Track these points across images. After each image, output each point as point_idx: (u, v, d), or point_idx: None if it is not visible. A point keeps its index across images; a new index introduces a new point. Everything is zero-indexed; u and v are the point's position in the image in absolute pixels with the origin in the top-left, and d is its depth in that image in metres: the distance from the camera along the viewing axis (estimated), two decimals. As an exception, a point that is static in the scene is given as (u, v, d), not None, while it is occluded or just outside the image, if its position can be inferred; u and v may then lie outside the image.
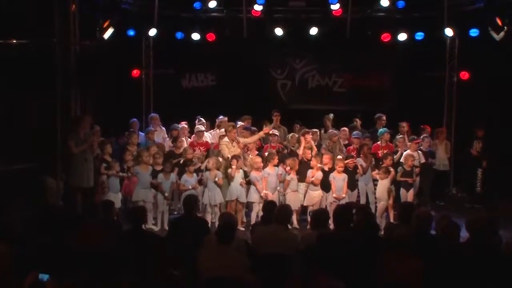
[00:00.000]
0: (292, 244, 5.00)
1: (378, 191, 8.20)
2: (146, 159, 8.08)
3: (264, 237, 5.09)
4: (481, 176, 9.51)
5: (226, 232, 4.68)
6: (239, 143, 8.46)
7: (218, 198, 8.12)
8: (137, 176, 8.06)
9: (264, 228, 5.46)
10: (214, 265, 4.46)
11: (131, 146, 8.73)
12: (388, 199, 8.04)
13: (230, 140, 8.47)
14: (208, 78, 11.97)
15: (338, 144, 9.13)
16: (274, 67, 11.93)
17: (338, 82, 11.88)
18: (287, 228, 5.38)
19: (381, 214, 8.01)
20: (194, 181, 8.16)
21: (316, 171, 8.24)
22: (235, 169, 8.03)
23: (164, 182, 8.13)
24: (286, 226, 5.35)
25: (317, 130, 9.53)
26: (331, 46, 11.12)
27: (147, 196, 7.91)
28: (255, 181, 8.14)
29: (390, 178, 8.12)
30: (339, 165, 8.12)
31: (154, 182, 8.06)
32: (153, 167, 8.19)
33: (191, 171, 8.22)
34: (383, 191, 8.10)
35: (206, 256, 4.62)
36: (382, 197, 8.09)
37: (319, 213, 5.36)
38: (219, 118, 9.85)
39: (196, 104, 11.05)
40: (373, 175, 8.39)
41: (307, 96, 11.89)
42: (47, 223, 5.13)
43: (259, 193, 8.10)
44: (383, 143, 9.17)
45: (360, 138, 9.20)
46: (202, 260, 4.58)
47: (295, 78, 11.92)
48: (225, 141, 8.50)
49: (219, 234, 4.70)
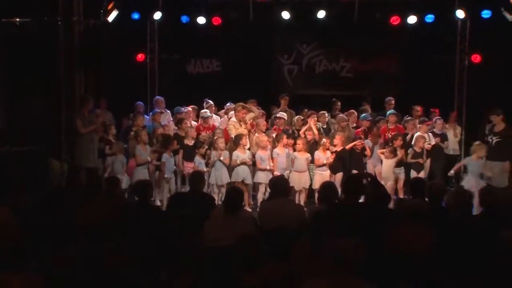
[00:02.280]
0: (297, 216, 4.96)
1: (383, 171, 8.20)
2: (145, 138, 8.10)
3: (268, 212, 5.08)
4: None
5: (233, 200, 4.65)
6: (247, 124, 8.39)
7: (225, 178, 8.11)
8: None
9: (267, 203, 5.47)
10: (221, 235, 4.45)
11: (137, 128, 8.69)
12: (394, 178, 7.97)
13: (237, 120, 8.40)
14: (214, 63, 11.96)
15: (347, 129, 9.05)
16: (280, 52, 11.90)
17: (346, 67, 11.84)
18: (292, 201, 5.32)
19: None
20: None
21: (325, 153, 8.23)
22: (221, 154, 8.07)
23: (167, 161, 8.13)
24: (290, 199, 5.31)
25: (325, 112, 9.51)
26: (339, 30, 11.07)
27: (146, 177, 7.90)
28: (259, 160, 8.08)
29: (396, 160, 8.06)
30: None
31: (154, 163, 8.06)
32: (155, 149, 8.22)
33: (201, 153, 8.22)
34: (388, 171, 8.10)
35: (212, 227, 4.62)
36: (389, 177, 8.07)
37: (326, 186, 5.29)
38: (227, 105, 9.83)
39: (201, 90, 10.99)
40: (378, 154, 8.32)
41: (314, 81, 11.86)
42: (51, 203, 5.12)
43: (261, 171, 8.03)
44: (390, 125, 9.14)
45: (369, 119, 9.15)
46: (208, 231, 4.57)
47: (302, 63, 11.89)
48: (233, 121, 8.43)
49: (226, 203, 4.66)
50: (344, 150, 8.41)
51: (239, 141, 8.09)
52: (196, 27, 10.76)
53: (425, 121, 9.10)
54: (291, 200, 5.32)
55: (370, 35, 10.97)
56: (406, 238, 4.18)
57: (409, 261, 3.93)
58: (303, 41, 11.79)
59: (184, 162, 8.38)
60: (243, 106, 8.54)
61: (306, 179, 8.18)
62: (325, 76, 11.85)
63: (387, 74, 11.62)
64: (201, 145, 8.27)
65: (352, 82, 11.72)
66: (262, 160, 8.08)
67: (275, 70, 11.94)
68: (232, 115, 9.15)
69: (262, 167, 8.06)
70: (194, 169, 7.93)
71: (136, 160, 8.07)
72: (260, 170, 8.06)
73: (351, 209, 4.55)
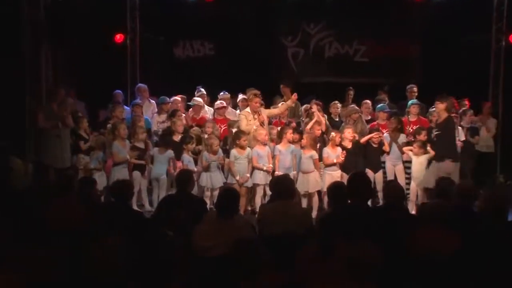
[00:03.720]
0: (302, 220, 5.02)
1: (414, 171, 8.18)
2: (123, 133, 8.15)
3: (269, 216, 5.14)
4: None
5: (226, 202, 4.71)
6: (261, 115, 8.34)
7: (220, 181, 8.14)
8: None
9: (268, 206, 5.52)
10: (212, 243, 4.50)
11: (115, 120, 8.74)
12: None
13: (252, 111, 8.36)
14: (206, 46, 12.00)
15: (359, 122, 9.09)
16: (284, 33, 11.95)
17: (360, 50, 11.88)
18: (296, 203, 5.37)
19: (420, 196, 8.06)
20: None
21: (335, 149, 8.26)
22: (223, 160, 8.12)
23: (158, 157, 8.19)
24: (293, 201, 5.35)
25: (337, 102, 9.53)
26: (351, 7, 11.13)
27: (125, 176, 7.95)
28: (256, 157, 8.05)
29: (429, 157, 8.09)
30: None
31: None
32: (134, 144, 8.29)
33: (190, 149, 8.26)
34: (420, 170, 8.07)
35: (203, 234, 4.65)
36: (421, 177, 8.06)
37: (335, 186, 5.30)
38: (221, 94, 9.85)
39: (191, 77, 11.05)
40: (405, 151, 8.36)
41: (323, 67, 11.90)
42: (11, 205, 5.20)
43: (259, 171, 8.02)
44: (412, 117, 9.16)
45: (387, 111, 9.18)
46: (198, 238, 4.61)
47: (309, 46, 11.92)
48: (246, 112, 8.40)
49: (218, 205, 4.70)
50: (357, 145, 8.41)
51: (236, 139, 8.10)
52: (185, 3, 10.80)
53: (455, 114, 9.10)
54: (295, 203, 5.35)
55: (388, 12, 11.01)
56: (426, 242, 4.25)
57: (429, 266, 3.98)
58: (310, 19, 11.82)
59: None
60: (256, 94, 8.49)
61: (313, 181, 8.17)
62: (336, 61, 11.89)
63: (408, 58, 11.68)
64: (190, 140, 8.30)
65: (368, 68, 11.76)
66: (259, 157, 8.07)
67: (277, 54, 11.97)
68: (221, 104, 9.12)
69: (259, 166, 8.05)
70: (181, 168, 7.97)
71: (113, 158, 8.12)
72: (258, 169, 8.07)
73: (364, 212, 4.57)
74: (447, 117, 7.93)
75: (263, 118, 8.37)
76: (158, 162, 8.26)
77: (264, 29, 11.60)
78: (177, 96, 9.74)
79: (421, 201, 7.90)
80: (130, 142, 8.37)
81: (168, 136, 8.50)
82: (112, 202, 5.51)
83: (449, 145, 7.88)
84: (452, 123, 8.01)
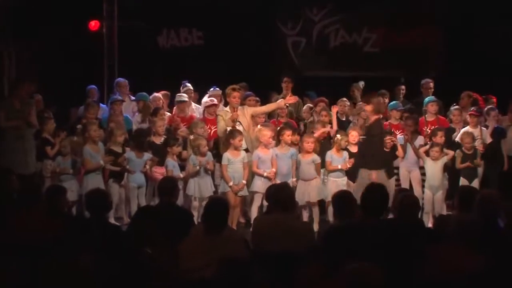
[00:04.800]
0: (304, 236, 5.02)
1: (430, 177, 8.20)
2: (95, 134, 8.11)
3: (265, 231, 5.14)
4: None
5: (214, 214, 4.71)
6: (235, 113, 8.38)
7: (210, 189, 8.13)
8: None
9: (264, 219, 5.52)
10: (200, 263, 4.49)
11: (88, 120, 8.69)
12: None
13: (231, 108, 8.40)
14: (194, 34, 12.00)
15: (369, 121, 9.09)
16: (283, 19, 11.95)
17: (370, 39, 11.91)
18: (296, 217, 5.38)
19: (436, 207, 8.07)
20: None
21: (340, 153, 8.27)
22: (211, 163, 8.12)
23: (134, 162, 8.14)
24: (293, 214, 5.35)
25: (345, 100, 9.54)
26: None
27: (99, 184, 7.87)
28: (256, 160, 8.04)
29: (448, 159, 8.11)
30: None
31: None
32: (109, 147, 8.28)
33: (175, 152, 8.24)
34: (437, 177, 8.11)
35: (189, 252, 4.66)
36: (438, 185, 8.10)
37: (342, 196, 5.31)
38: (212, 90, 9.81)
39: (176, 70, 11.07)
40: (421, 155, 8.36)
41: (328, 58, 11.92)
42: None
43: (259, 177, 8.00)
44: (430, 116, 9.15)
45: (401, 109, 9.22)
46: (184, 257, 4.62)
47: (311, 34, 11.94)
48: (224, 111, 8.47)
49: (204, 219, 4.72)
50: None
51: (230, 139, 8.08)
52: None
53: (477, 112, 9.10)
54: (295, 216, 5.35)
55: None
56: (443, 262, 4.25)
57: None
58: (313, 4, 11.86)
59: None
60: (234, 88, 8.51)
61: (315, 190, 8.16)
62: (343, 52, 11.90)
63: (425, 48, 11.68)
64: (175, 142, 8.28)
65: (379, 60, 11.78)
66: (261, 162, 8.04)
67: (276, 43, 11.98)
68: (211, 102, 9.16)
69: (259, 172, 8.03)
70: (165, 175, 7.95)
71: (85, 165, 8.10)
72: (258, 175, 8.05)
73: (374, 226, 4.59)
74: (373, 121, 7.86)
75: (237, 116, 8.36)
76: (135, 167, 8.22)
77: (260, 15, 11.62)
78: (159, 92, 9.72)
79: (439, 213, 7.91)
80: (106, 145, 8.33)
81: (142, 137, 8.44)
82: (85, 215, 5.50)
83: (371, 152, 7.80)
84: (377, 127, 7.88)
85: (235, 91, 8.51)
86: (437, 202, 8.14)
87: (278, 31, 11.99)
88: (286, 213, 5.23)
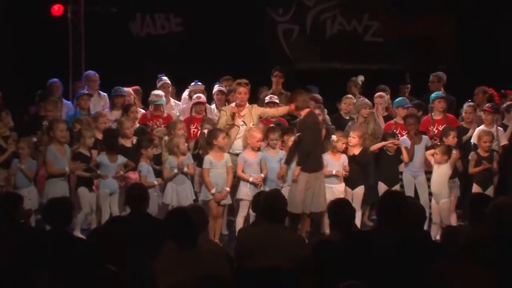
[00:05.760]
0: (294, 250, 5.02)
1: (434, 182, 8.24)
2: (61, 135, 8.05)
3: (251, 244, 5.16)
4: None
5: (187, 227, 4.74)
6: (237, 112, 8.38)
7: (190, 196, 8.12)
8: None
9: (251, 231, 5.54)
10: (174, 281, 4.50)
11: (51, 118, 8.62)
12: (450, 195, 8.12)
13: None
14: (172, 21, 12.03)
15: (371, 121, 9.09)
16: (273, 4, 12.00)
17: (373, 27, 11.98)
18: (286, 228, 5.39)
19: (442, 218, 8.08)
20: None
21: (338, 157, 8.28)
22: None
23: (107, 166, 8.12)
24: (282, 225, 5.33)
25: (350, 97, 9.61)
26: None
27: (64, 192, 7.87)
28: (241, 163, 8.06)
29: (451, 163, 8.14)
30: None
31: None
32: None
33: (149, 155, 8.22)
34: (442, 182, 8.14)
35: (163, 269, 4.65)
36: (442, 192, 8.14)
37: (338, 205, 5.32)
38: (193, 84, 9.87)
39: (152, 61, 11.10)
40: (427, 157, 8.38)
41: (324, 48, 11.98)
42: None
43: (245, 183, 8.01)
44: (437, 114, 9.18)
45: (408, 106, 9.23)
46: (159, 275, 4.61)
47: (305, 21, 11.96)
48: (228, 107, 8.49)
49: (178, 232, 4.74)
50: (366, 153, 8.41)
51: (212, 139, 8.07)
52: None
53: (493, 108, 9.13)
54: (285, 227, 5.35)
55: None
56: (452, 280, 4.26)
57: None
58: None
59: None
60: (240, 83, 8.61)
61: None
62: (341, 41, 11.96)
63: (435, 38, 11.75)
64: (149, 144, 8.26)
65: (381, 51, 11.85)
66: (247, 165, 8.04)
67: (265, 31, 12.01)
68: (197, 99, 9.13)
69: (244, 176, 8.03)
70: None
71: (47, 167, 8.04)
72: (243, 180, 8.06)
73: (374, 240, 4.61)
74: (305, 115, 7.92)
75: (236, 110, 8.34)
76: (108, 172, 8.17)
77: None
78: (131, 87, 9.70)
79: (447, 224, 7.92)
80: (72, 147, 8.26)
81: (114, 138, 8.41)
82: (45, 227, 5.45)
83: (301, 150, 7.86)
84: (309, 122, 7.93)
85: (241, 86, 8.51)
86: (442, 211, 8.15)
87: (267, 17, 12.04)
88: (276, 224, 5.23)
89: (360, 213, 8.38)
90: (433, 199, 8.30)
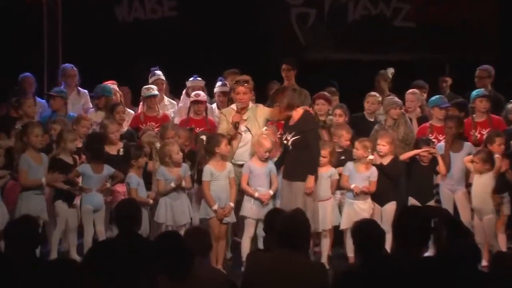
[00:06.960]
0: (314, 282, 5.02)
1: (475, 195, 8.28)
2: (36, 140, 8.05)
3: (262, 273, 5.14)
4: None
5: (178, 254, 4.73)
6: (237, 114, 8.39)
7: (187, 214, 8.18)
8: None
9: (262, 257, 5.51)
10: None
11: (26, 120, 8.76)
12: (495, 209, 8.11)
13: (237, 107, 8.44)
14: (164, 5, 12.09)
15: (402, 124, 9.10)
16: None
17: (403, 10, 11.99)
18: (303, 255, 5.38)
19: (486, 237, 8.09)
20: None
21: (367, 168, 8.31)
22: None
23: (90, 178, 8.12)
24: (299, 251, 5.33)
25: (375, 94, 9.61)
26: None
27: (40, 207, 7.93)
28: (246, 174, 8.10)
29: (495, 173, 8.16)
30: None
31: None
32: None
33: (140, 165, 8.24)
34: (485, 194, 8.17)
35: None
36: (485, 207, 8.17)
37: (364, 227, 5.30)
38: (191, 80, 9.92)
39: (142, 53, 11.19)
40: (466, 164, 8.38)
41: (346, 36, 12.01)
42: None
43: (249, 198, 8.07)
44: (478, 116, 9.17)
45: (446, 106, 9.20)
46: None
47: (323, 4, 12.01)
48: (229, 110, 8.52)
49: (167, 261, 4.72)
50: (397, 163, 8.43)
51: (214, 146, 8.07)
52: None
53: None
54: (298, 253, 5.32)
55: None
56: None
57: None
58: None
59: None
60: (238, 81, 8.57)
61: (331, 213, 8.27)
62: (366, 27, 12.00)
63: (477, 25, 11.79)
64: (139, 153, 8.27)
65: (414, 38, 11.88)
66: (253, 177, 8.08)
67: (276, 16, 12.06)
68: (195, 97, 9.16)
69: (249, 190, 8.06)
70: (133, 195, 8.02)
71: (20, 179, 8.07)
72: (248, 194, 8.09)
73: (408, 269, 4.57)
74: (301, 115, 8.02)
75: (238, 119, 8.31)
76: (92, 185, 8.21)
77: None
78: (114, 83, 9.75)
79: (497, 248, 7.94)
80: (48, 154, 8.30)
81: (99, 144, 8.43)
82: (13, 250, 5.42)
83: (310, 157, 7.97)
84: (310, 123, 8.08)
85: (239, 85, 8.45)
86: (487, 229, 8.17)
87: (278, 0, 12.07)
88: (294, 250, 5.19)
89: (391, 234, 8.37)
90: (475, 216, 8.30)
